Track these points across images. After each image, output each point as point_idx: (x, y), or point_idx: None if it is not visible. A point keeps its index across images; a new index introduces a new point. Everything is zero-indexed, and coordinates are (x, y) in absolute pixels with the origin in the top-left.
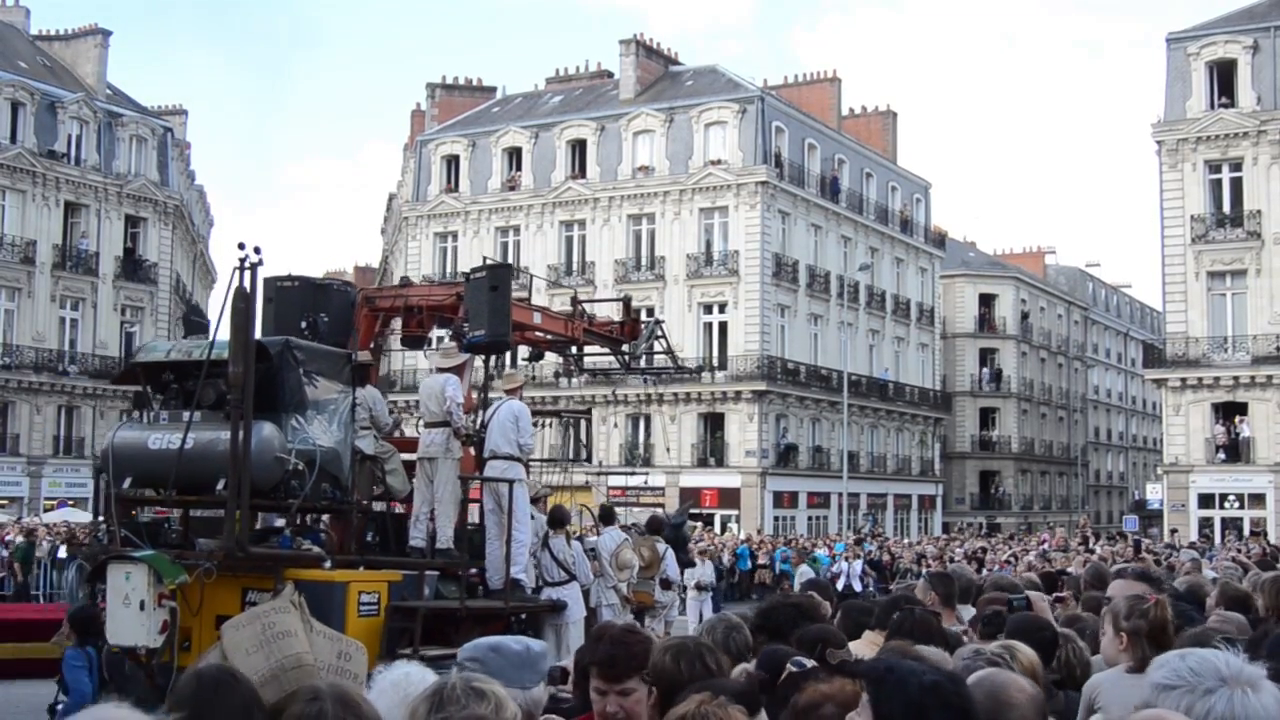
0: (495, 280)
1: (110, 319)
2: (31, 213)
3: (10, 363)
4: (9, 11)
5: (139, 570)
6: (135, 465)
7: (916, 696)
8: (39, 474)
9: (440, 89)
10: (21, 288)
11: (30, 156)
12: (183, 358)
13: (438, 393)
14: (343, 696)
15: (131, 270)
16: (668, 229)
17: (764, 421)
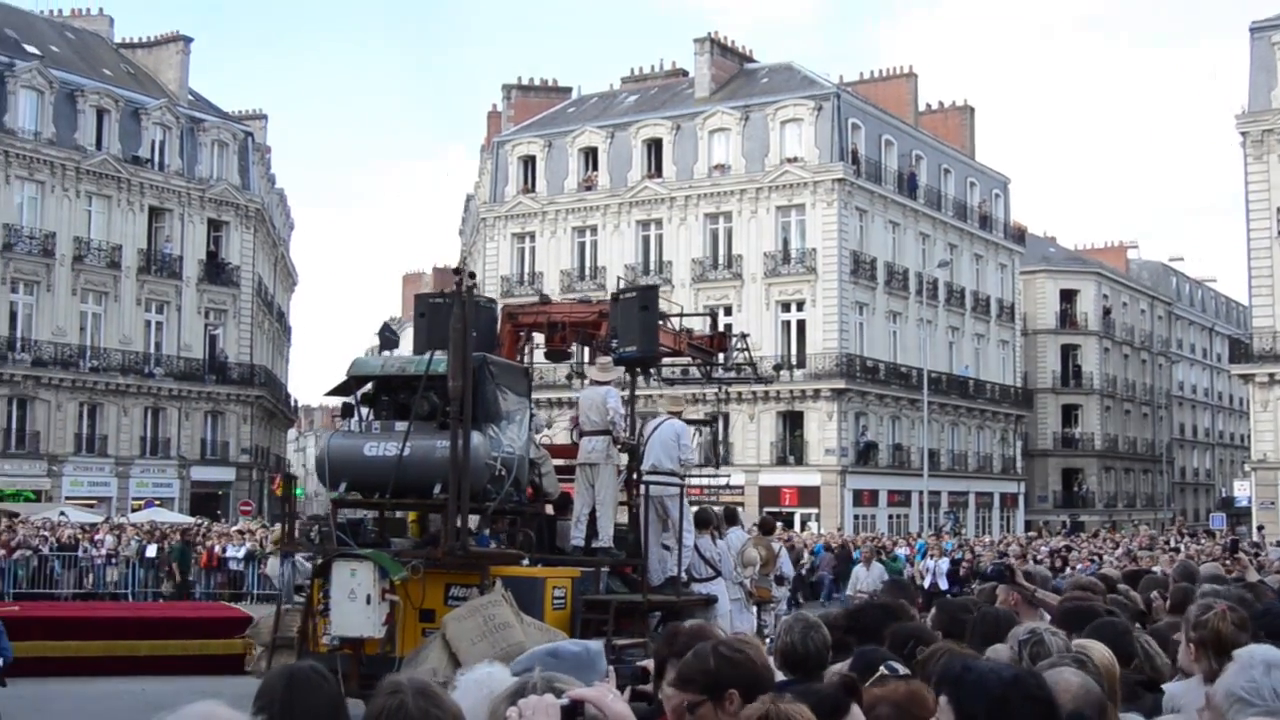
0: (644, 300)
1: (194, 321)
2: (117, 218)
3: (98, 365)
4: (93, 21)
5: (364, 567)
6: (350, 471)
7: (998, 692)
8: (126, 474)
9: (516, 90)
10: (108, 292)
11: (115, 163)
12: (395, 372)
13: (599, 404)
14: (423, 689)
15: (214, 273)
16: (744, 227)
17: (843, 420)
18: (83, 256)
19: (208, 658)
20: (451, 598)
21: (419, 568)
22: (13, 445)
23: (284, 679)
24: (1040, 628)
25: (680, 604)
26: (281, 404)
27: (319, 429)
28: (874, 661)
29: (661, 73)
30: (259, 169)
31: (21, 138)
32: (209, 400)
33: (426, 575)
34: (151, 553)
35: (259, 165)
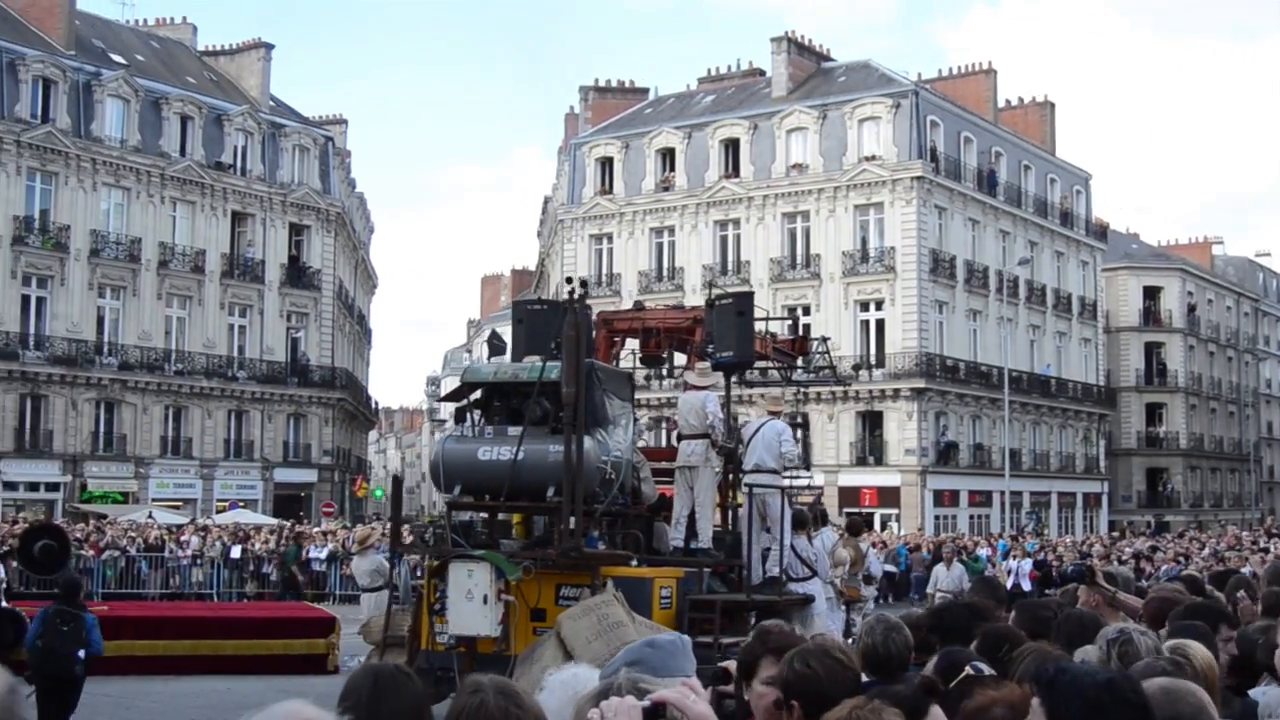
0: (741, 307)
1: (276, 325)
2: (201, 223)
3: (182, 369)
4: (177, 30)
5: (481, 568)
6: (465, 474)
7: (1093, 694)
8: (211, 476)
9: (593, 92)
10: (192, 296)
11: (199, 169)
12: (508, 379)
13: (698, 408)
14: (504, 688)
15: (296, 277)
16: (822, 226)
17: (923, 419)
18: (167, 261)
19: (291, 657)
20: (562, 598)
21: (531, 568)
22: (101, 448)
23: (369, 679)
24: (1129, 628)
25: (781, 603)
26: (362, 406)
27: (399, 430)
28: (959, 662)
29: (738, 72)
30: (339, 173)
31: (108, 145)
32: (291, 403)
33: (538, 576)
34: (236, 554)
35: (339, 169)
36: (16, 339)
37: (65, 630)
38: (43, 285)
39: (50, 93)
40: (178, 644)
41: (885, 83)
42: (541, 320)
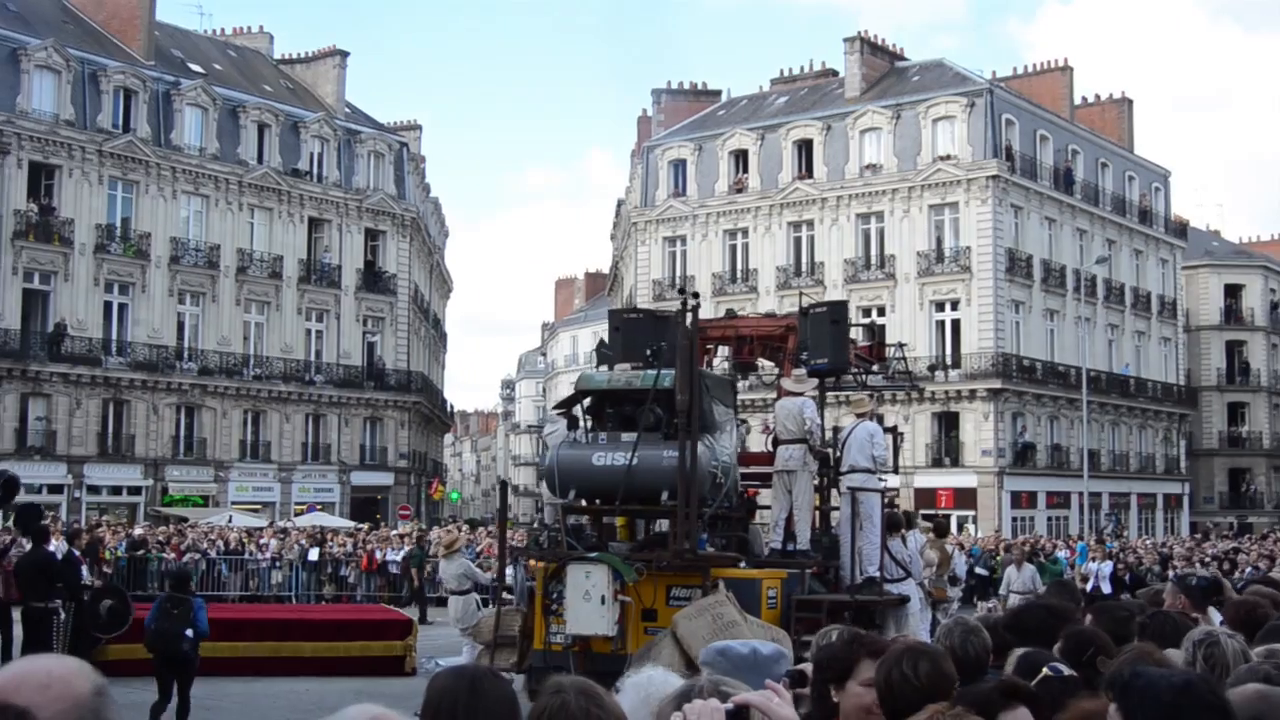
0: (835, 315)
1: (353, 329)
2: (278, 229)
3: (261, 373)
4: (254, 38)
5: (598, 570)
6: (579, 479)
7: (1169, 698)
8: (289, 480)
9: (666, 94)
10: (270, 301)
11: (276, 175)
12: (622, 387)
13: (796, 414)
14: (585, 689)
15: (372, 282)
16: (897, 227)
17: (999, 420)
18: (246, 268)
19: (368, 659)
20: (673, 598)
21: (643, 570)
22: (181, 452)
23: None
24: (1216, 630)
25: (882, 603)
26: (438, 409)
27: (474, 433)
28: (1038, 664)
29: (811, 73)
30: (414, 178)
31: (187, 154)
32: (368, 406)
33: (650, 577)
34: (314, 556)
35: (414, 175)
36: (100, 345)
37: (175, 614)
38: (124, 292)
39: (131, 103)
40: (257, 645)
41: (959, 81)
42: (638, 328)
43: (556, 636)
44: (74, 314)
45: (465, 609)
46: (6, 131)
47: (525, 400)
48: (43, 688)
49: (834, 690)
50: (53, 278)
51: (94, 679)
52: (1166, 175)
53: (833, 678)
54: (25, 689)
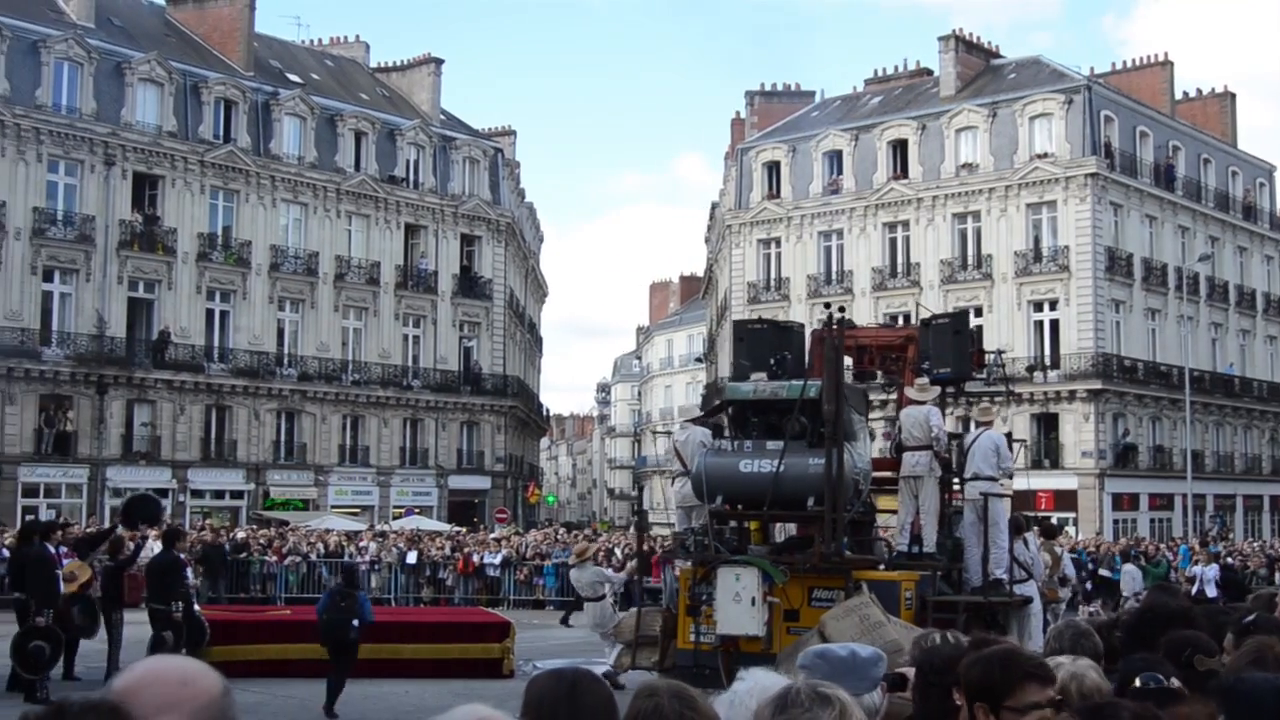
0: (957, 326)
1: (449, 334)
2: (375, 236)
3: (359, 379)
4: (350, 48)
5: (748, 572)
6: (727, 486)
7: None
8: (387, 484)
9: (759, 96)
10: (368, 307)
11: (373, 183)
12: (767, 397)
13: (922, 421)
14: (680, 692)
15: (468, 287)
16: (994, 226)
17: (1100, 421)
18: (344, 274)
19: (466, 661)
20: (815, 599)
21: (786, 572)
22: (282, 456)
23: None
24: None
25: (1013, 603)
26: (534, 413)
27: (570, 437)
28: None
29: (905, 73)
30: (509, 184)
31: (286, 162)
32: (464, 411)
33: (793, 578)
34: (412, 559)
35: (509, 180)
36: (202, 352)
37: (343, 606)
38: (226, 299)
39: (231, 113)
40: None
41: (1056, 78)
42: (761, 339)
43: (705, 636)
44: (177, 321)
45: (601, 614)
46: (112, 143)
47: (620, 404)
48: (182, 684)
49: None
50: (157, 286)
51: (220, 679)
52: (1271, 170)
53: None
54: (165, 685)
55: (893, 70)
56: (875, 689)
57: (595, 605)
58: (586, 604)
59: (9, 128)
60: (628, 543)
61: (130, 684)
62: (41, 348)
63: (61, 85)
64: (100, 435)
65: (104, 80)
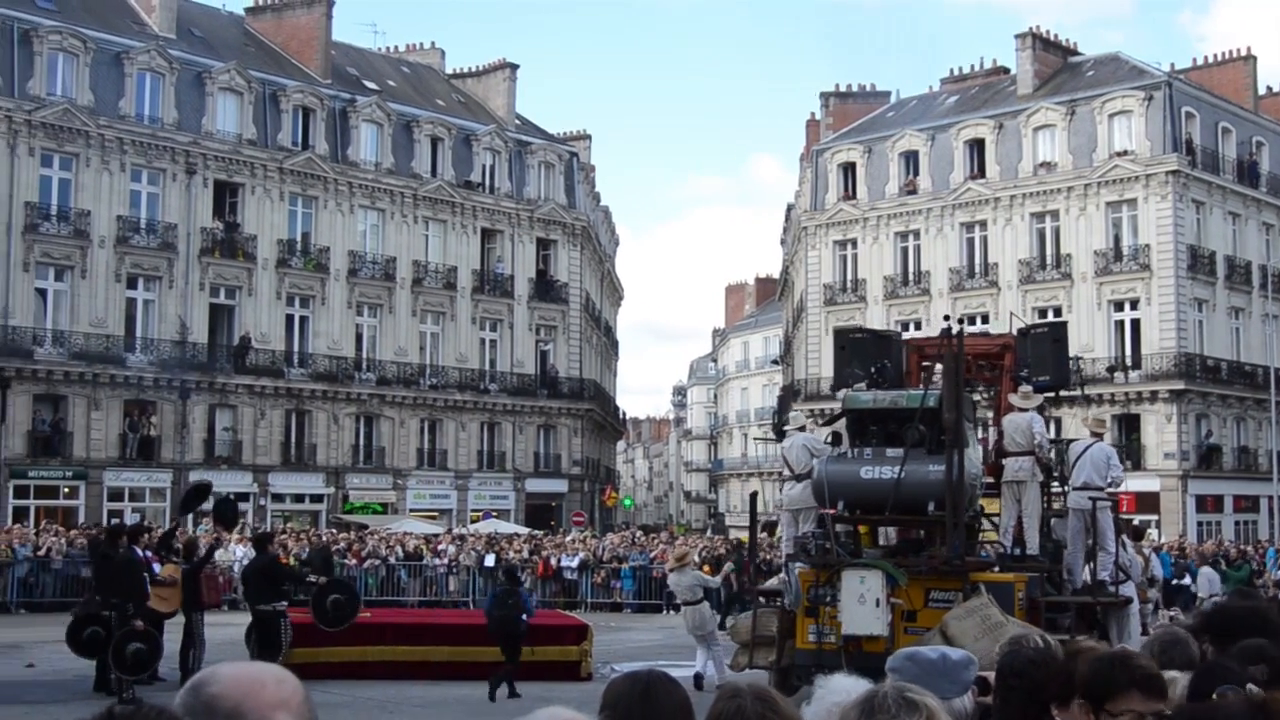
0: (1055, 335)
1: (525, 338)
2: (452, 240)
3: (437, 383)
4: (427, 54)
5: (873, 575)
6: (848, 492)
7: None
8: (465, 487)
9: (834, 97)
10: (445, 311)
11: (449, 188)
12: (887, 406)
13: (1025, 428)
14: (762, 694)
15: (544, 291)
16: (1073, 226)
17: (1183, 422)
18: (421, 279)
19: (545, 664)
20: (933, 600)
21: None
22: (361, 460)
23: (626, 683)
24: None
25: (1117, 604)
26: (610, 416)
27: (646, 440)
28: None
29: (982, 71)
30: (584, 187)
31: (363, 169)
32: (541, 414)
33: (911, 581)
34: (490, 562)
35: (584, 184)
36: (282, 357)
37: (510, 603)
38: (305, 305)
39: (309, 121)
40: (436, 650)
41: (1136, 75)
42: (862, 348)
43: (828, 636)
44: (258, 327)
45: (699, 617)
46: (193, 152)
47: (697, 406)
48: (280, 683)
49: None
50: (237, 292)
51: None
52: None
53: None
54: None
55: (969, 69)
56: (966, 693)
57: (693, 609)
58: (685, 608)
59: (93, 138)
60: (705, 546)
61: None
62: (126, 354)
63: (144, 96)
64: (183, 440)
65: (185, 90)
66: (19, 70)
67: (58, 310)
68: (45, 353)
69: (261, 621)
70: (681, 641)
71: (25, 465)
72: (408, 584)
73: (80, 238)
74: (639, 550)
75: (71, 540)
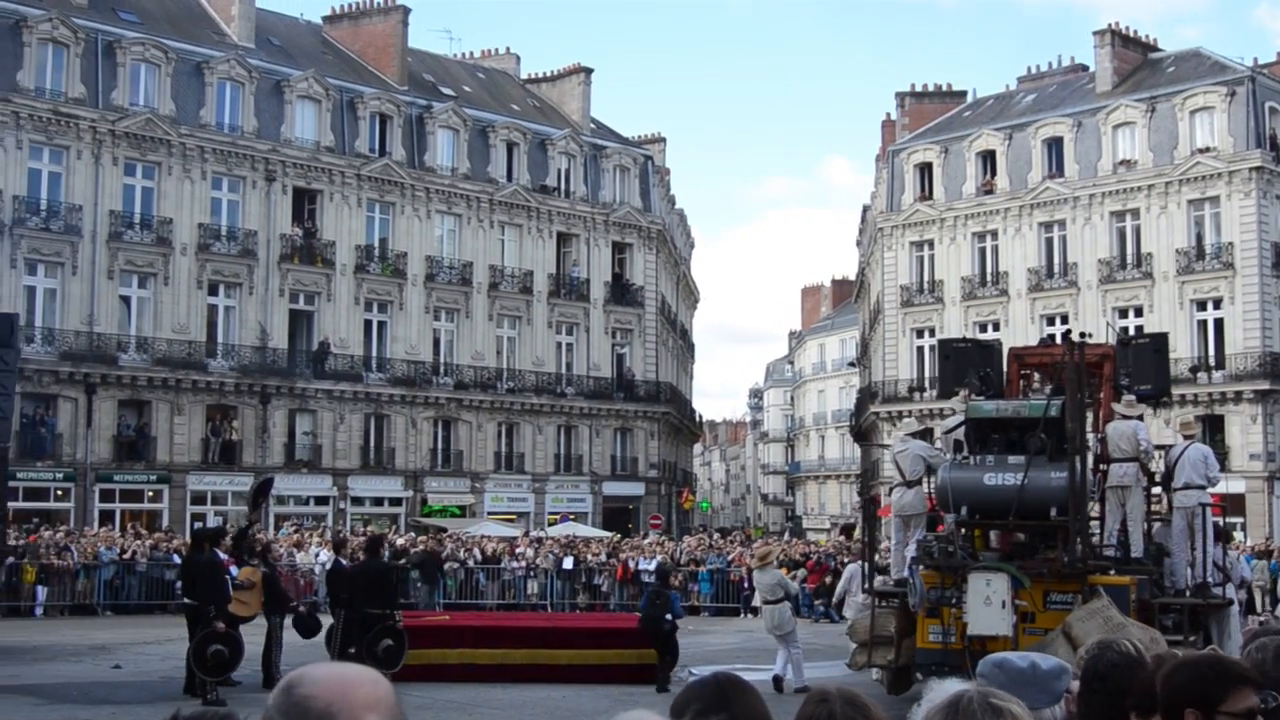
0: (1157, 345)
1: (601, 342)
2: (528, 245)
3: (513, 386)
4: (502, 60)
5: (999, 578)
6: (971, 497)
7: None
8: (542, 490)
9: (910, 97)
10: (521, 316)
11: (525, 192)
12: (1010, 415)
13: (1130, 436)
14: (852, 698)
15: (620, 294)
16: (1153, 224)
17: (1269, 422)
18: (497, 283)
19: (622, 667)
20: (1050, 602)
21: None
22: (439, 464)
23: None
24: None
25: (1222, 604)
26: (686, 419)
27: (723, 443)
28: None
29: (1060, 69)
30: (659, 191)
31: (440, 174)
32: (618, 417)
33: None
34: (569, 565)
35: (659, 187)
36: (361, 362)
37: (658, 603)
38: (383, 310)
39: (386, 127)
40: (515, 653)
41: (1218, 70)
42: (965, 357)
43: (950, 636)
44: (336, 332)
45: (779, 617)
46: (272, 160)
47: (773, 409)
48: (375, 684)
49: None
50: (316, 298)
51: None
52: None
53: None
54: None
55: (1046, 67)
56: (1057, 703)
57: (774, 608)
58: (765, 606)
59: (175, 147)
60: (782, 549)
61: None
62: (207, 360)
63: (224, 104)
64: (264, 444)
65: (264, 98)
66: (103, 81)
67: (141, 317)
68: (129, 359)
69: (370, 625)
70: (759, 645)
71: (111, 470)
72: (486, 587)
73: (163, 245)
74: (716, 553)
75: (156, 544)
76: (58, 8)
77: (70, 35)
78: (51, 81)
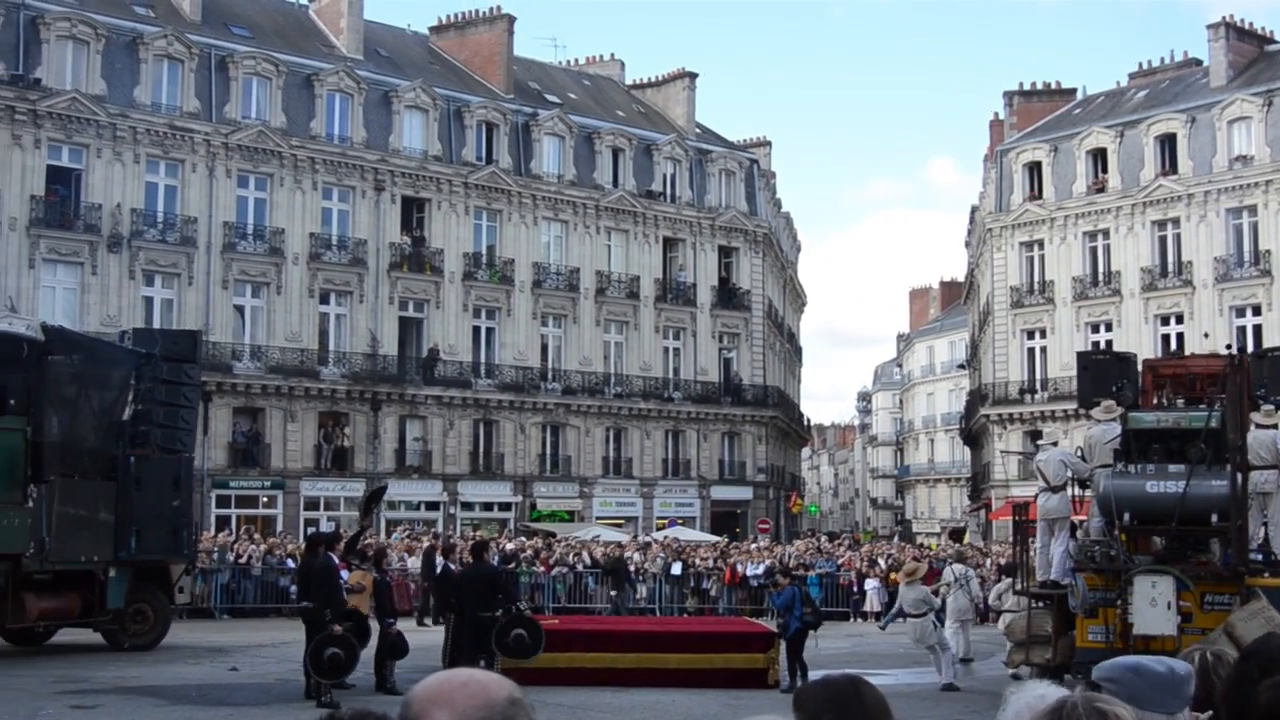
0: None
1: (708, 346)
2: (634, 250)
3: (621, 391)
4: (606, 66)
5: (1164, 580)
6: (1134, 504)
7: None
8: (650, 495)
9: (1018, 96)
10: (628, 321)
11: (630, 198)
12: (1170, 426)
13: (1269, 444)
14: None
15: (726, 298)
16: (1272, 221)
17: None
18: (604, 289)
19: (731, 671)
20: (1207, 603)
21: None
22: (548, 469)
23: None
24: None
25: None
26: (794, 423)
27: (831, 447)
28: None
29: (1172, 64)
30: (765, 194)
31: (546, 181)
32: (725, 422)
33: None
34: (676, 570)
35: (765, 191)
36: (470, 368)
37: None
38: (491, 317)
39: (493, 135)
40: (624, 657)
41: None
42: (1104, 368)
43: (1112, 636)
44: (445, 339)
45: (923, 630)
46: (381, 169)
47: (882, 412)
48: (462, 686)
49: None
50: (425, 305)
51: (512, 689)
52: None
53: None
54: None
55: (1158, 62)
56: (1185, 708)
57: (918, 621)
58: (909, 619)
59: (286, 158)
60: (890, 553)
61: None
62: (319, 367)
63: (333, 115)
64: (375, 450)
65: (372, 109)
66: (216, 95)
67: (255, 326)
68: (244, 367)
69: (477, 628)
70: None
71: (226, 476)
72: (595, 591)
73: (275, 255)
74: (824, 557)
75: (270, 549)
76: (172, 24)
77: (184, 51)
78: (167, 96)
